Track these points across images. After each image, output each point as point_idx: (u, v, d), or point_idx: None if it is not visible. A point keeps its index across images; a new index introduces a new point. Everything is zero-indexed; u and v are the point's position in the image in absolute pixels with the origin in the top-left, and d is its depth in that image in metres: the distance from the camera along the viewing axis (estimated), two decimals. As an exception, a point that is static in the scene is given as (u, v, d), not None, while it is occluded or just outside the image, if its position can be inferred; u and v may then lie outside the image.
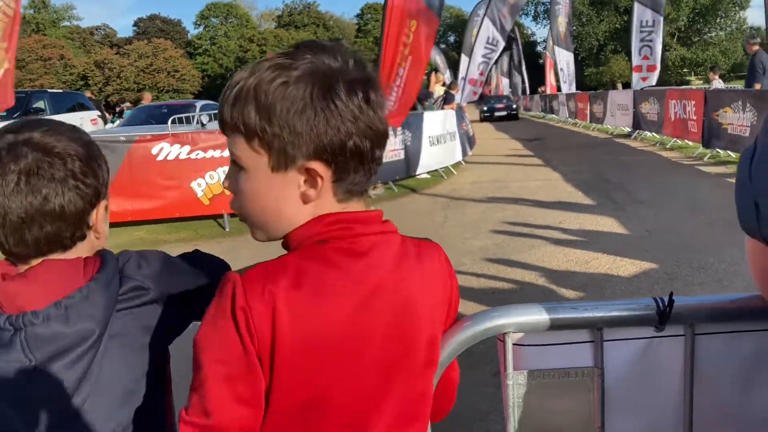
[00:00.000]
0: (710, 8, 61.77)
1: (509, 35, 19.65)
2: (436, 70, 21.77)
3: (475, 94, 17.42)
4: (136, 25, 78.45)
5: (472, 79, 17.12)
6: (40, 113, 14.78)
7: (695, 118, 13.09)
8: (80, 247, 1.10)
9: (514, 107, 35.65)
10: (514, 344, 1.23)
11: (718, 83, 16.05)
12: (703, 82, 51.22)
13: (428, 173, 12.48)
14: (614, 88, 39.92)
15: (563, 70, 27.51)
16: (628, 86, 22.22)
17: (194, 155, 8.31)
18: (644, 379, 1.25)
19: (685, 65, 63.86)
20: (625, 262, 5.79)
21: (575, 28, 57.84)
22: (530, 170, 13.02)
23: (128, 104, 29.62)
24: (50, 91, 19.22)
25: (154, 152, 8.21)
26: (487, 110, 34.78)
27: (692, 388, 1.24)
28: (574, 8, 38.00)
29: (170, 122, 8.99)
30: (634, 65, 19.17)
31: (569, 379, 1.25)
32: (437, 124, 12.87)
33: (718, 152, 12.34)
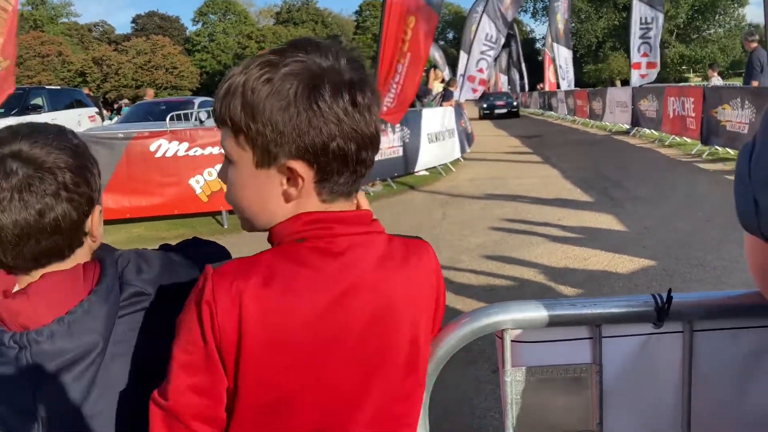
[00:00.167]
0: (709, 5, 61.81)
1: (508, 32, 19.65)
2: (434, 66, 21.76)
3: (475, 91, 17.37)
4: (134, 21, 78.42)
5: (470, 76, 17.10)
6: (38, 110, 14.78)
7: (694, 115, 13.10)
8: (78, 253, 1.11)
9: (514, 104, 34.48)
10: (512, 341, 1.23)
11: (716, 80, 16.05)
12: (701, 79, 51.35)
13: (427, 170, 12.48)
14: (613, 85, 39.92)
15: (562, 67, 27.54)
16: (626, 83, 22.21)
17: (192, 152, 8.30)
18: (642, 375, 1.25)
19: (683, 62, 63.95)
20: (623, 259, 5.79)
21: (574, 25, 57.88)
22: (529, 167, 13.02)
23: (126, 101, 29.63)
24: (48, 87, 19.17)
25: (152, 149, 8.20)
26: (486, 108, 33.66)
27: (690, 384, 1.24)
28: (572, 5, 38.01)
29: (168, 119, 8.99)
30: (633, 62, 19.16)
31: (567, 375, 1.25)
32: (436, 121, 12.87)
33: (716, 149, 12.35)
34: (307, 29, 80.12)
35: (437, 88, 15.25)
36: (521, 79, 44.26)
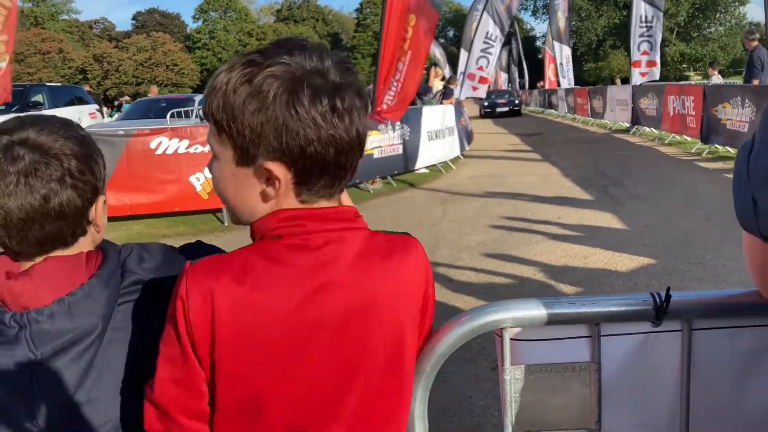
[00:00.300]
0: (710, 3, 61.73)
1: (508, 30, 19.60)
2: (435, 64, 21.74)
3: (476, 89, 17.31)
4: (134, 18, 78.27)
5: (470, 73, 17.08)
6: (38, 107, 14.76)
7: (694, 113, 13.09)
8: (82, 242, 1.12)
9: (516, 102, 33.31)
10: (511, 339, 1.24)
11: (717, 79, 16.03)
12: (702, 77, 51.28)
13: (427, 168, 12.48)
14: (613, 83, 39.85)
15: (562, 65, 27.51)
16: (627, 81, 22.17)
17: (193, 149, 8.30)
18: (641, 374, 1.26)
19: (684, 60, 63.86)
20: (622, 257, 5.80)
21: (574, 23, 57.83)
22: (529, 165, 13.02)
23: (127, 98, 29.59)
24: (49, 84, 19.20)
25: (152, 146, 8.20)
26: (487, 106, 32.33)
27: (689, 383, 1.24)
28: (573, 3, 37.97)
29: (169, 116, 8.96)
30: (633, 60, 19.13)
31: (566, 373, 1.25)
32: (436, 119, 12.87)
33: (716, 148, 12.34)
34: (307, 27, 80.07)
35: (437, 86, 15.24)
36: (521, 77, 44.26)
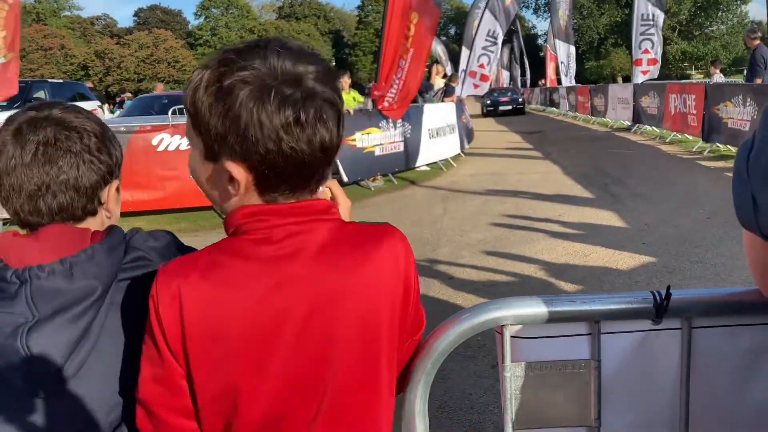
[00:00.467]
0: (711, 2, 61.58)
1: (510, 28, 19.59)
2: (437, 61, 21.73)
3: (477, 87, 17.30)
4: (136, 15, 78.15)
5: (472, 71, 17.07)
6: (39, 103, 14.74)
7: (695, 112, 13.08)
8: (90, 221, 1.14)
9: (520, 101, 32.48)
10: (512, 336, 1.24)
11: (718, 77, 16.00)
12: (703, 76, 51.20)
13: (428, 165, 12.47)
14: (614, 81, 39.79)
15: (564, 63, 27.46)
16: (628, 80, 22.15)
17: (194, 146, 8.28)
18: (641, 371, 1.26)
19: (685, 59, 63.74)
20: (623, 255, 5.80)
21: (576, 21, 57.75)
22: (530, 163, 13.02)
23: (128, 94, 29.56)
24: (51, 81, 19.19)
25: (154, 143, 8.21)
26: (490, 104, 31.69)
27: (689, 381, 1.25)
28: (575, 1, 37.90)
29: (170, 113, 8.96)
30: (634, 59, 19.12)
31: (566, 371, 1.25)
32: (437, 116, 12.86)
33: (717, 146, 12.34)
34: (309, 24, 79.95)
35: (439, 83, 15.23)
36: (523, 75, 44.21)
